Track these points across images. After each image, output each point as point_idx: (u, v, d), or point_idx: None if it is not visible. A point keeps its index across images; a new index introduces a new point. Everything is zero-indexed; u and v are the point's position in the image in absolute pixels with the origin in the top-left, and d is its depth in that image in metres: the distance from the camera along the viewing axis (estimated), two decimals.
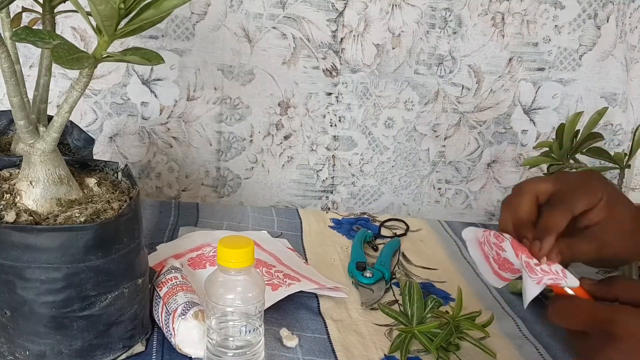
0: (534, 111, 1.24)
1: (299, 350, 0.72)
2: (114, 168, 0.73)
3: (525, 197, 0.65)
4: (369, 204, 1.27)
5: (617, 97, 1.24)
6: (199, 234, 0.93)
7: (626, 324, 0.53)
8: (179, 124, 1.17)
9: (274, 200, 1.24)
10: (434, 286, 0.90)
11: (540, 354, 0.76)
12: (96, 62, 0.56)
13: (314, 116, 1.20)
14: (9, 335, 0.62)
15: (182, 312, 0.67)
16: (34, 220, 0.61)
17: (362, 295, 0.85)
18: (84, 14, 0.58)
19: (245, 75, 1.16)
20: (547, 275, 0.59)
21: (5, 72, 0.58)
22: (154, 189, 1.21)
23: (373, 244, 1.00)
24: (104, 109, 1.15)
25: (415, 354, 0.73)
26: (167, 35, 1.12)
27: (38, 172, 0.63)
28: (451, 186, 1.27)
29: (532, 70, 1.21)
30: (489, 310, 0.82)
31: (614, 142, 1.26)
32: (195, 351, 0.68)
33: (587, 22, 1.19)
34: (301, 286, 0.80)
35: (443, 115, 1.22)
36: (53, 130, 0.61)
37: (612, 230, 0.64)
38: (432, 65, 1.19)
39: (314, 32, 1.15)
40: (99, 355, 0.65)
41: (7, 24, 0.74)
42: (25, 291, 0.60)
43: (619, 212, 0.64)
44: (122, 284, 0.64)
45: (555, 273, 0.60)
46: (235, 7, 1.12)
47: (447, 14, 1.16)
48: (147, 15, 0.55)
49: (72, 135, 0.87)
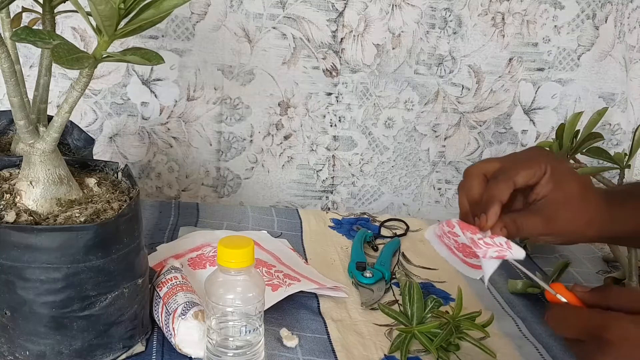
0: (534, 111, 1.24)
1: (299, 350, 0.72)
2: (114, 168, 0.73)
3: (474, 178, 0.66)
4: (369, 204, 1.27)
5: (615, 97, 1.24)
6: (199, 234, 0.93)
7: (620, 330, 0.53)
8: (179, 124, 1.17)
9: (274, 200, 1.24)
10: (434, 286, 0.90)
11: (540, 354, 0.76)
12: (96, 62, 0.56)
13: (314, 116, 1.20)
14: (9, 335, 0.62)
15: (182, 312, 0.67)
16: (34, 220, 0.61)
17: (362, 295, 0.85)
18: (84, 14, 0.58)
19: (245, 75, 1.16)
20: (491, 247, 0.59)
21: (5, 72, 0.58)
22: (154, 189, 1.21)
23: (373, 244, 1.00)
24: (104, 109, 1.15)
25: (415, 354, 0.73)
26: (167, 35, 1.12)
27: (38, 172, 0.63)
28: (451, 186, 1.27)
29: (532, 70, 1.21)
30: (489, 310, 0.82)
31: (613, 141, 1.26)
32: (195, 351, 0.68)
33: (586, 23, 1.19)
34: (301, 286, 0.80)
35: (443, 115, 1.22)
36: (53, 130, 0.61)
37: (558, 203, 0.64)
38: (432, 65, 1.19)
39: (314, 32, 1.15)
40: (99, 355, 0.65)
41: (7, 24, 0.74)
42: (25, 291, 0.60)
43: (566, 186, 0.65)
44: (122, 284, 0.64)
45: (499, 245, 0.60)
46: (235, 7, 1.12)
47: (447, 14, 1.16)
48: (147, 15, 0.55)
49: (72, 135, 0.87)
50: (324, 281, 0.84)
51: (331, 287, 0.83)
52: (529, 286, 0.88)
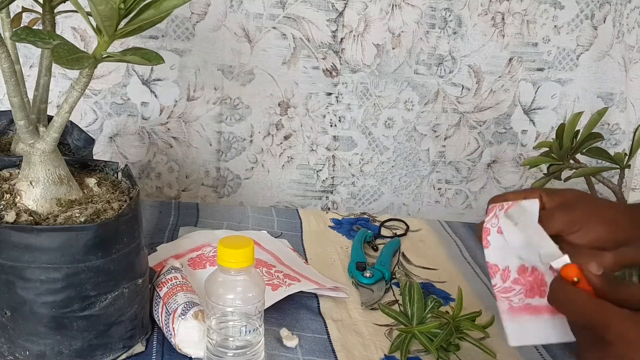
0: (534, 111, 1.24)
1: (299, 350, 0.72)
2: (114, 168, 0.73)
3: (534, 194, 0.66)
4: (369, 204, 1.27)
5: (614, 97, 1.24)
6: (199, 234, 0.93)
7: (620, 330, 0.53)
8: (179, 124, 1.17)
9: (274, 200, 1.24)
10: (434, 286, 0.90)
11: (540, 354, 0.76)
12: (96, 62, 0.56)
13: (314, 116, 1.20)
14: (9, 335, 0.62)
15: (182, 312, 0.67)
16: (34, 220, 0.61)
17: (362, 295, 0.85)
18: (84, 14, 0.58)
19: (245, 75, 1.16)
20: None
21: (5, 72, 0.58)
22: (154, 189, 1.21)
23: (373, 244, 1.00)
24: (104, 109, 1.15)
25: (415, 354, 0.73)
26: (167, 35, 1.12)
27: (38, 172, 0.63)
28: (451, 186, 1.27)
29: (532, 70, 1.21)
30: (489, 310, 0.82)
31: (611, 141, 1.26)
32: (195, 351, 0.68)
33: (585, 23, 1.19)
34: (301, 286, 0.80)
35: (443, 115, 1.22)
36: (53, 130, 0.61)
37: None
38: (432, 65, 1.19)
39: (314, 32, 1.15)
40: (99, 355, 0.65)
41: (7, 24, 0.74)
42: (25, 291, 0.60)
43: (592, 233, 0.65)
44: (122, 284, 0.64)
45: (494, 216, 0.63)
46: (235, 7, 1.12)
47: (447, 14, 1.16)
48: (147, 15, 0.55)
49: (72, 135, 0.87)
50: (324, 281, 0.84)
51: (331, 287, 0.83)
52: None
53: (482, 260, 0.99)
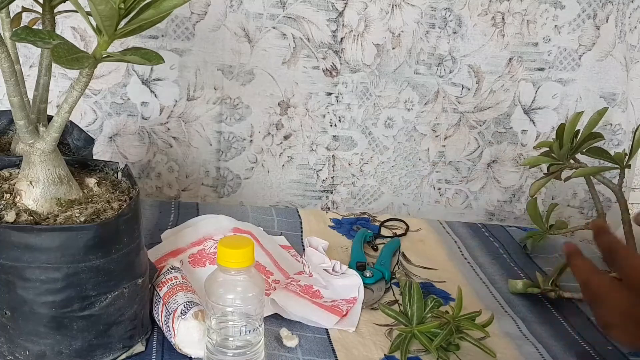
0: (534, 111, 1.24)
1: (299, 350, 0.72)
2: (114, 168, 0.73)
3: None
4: (369, 204, 1.27)
5: (616, 97, 1.24)
6: (203, 223, 0.92)
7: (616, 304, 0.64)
8: (179, 124, 1.17)
9: (274, 200, 1.24)
10: (434, 286, 0.90)
11: (540, 354, 0.76)
12: (96, 62, 0.56)
13: (314, 116, 1.20)
14: (9, 335, 0.62)
15: (182, 312, 0.67)
16: (34, 220, 0.61)
17: None
18: (84, 14, 0.58)
19: (245, 75, 1.16)
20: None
21: (5, 72, 0.58)
22: (154, 189, 1.21)
23: (373, 244, 1.00)
24: (104, 109, 1.15)
25: (415, 354, 0.73)
26: (167, 35, 1.12)
27: (38, 172, 0.63)
28: (451, 186, 1.27)
29: (532, 70, 1.21)
30: (489, 310, 0.82)
31: (613, 141, 1.26)
32: (195, 351, 0.68)
33: (587, 22, 1.19)
34: (300, 310, 0.77)
35: (443, 115, 1.22)
36: (53, 130, 0.61)
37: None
38: (432, 65, 1.19)
39: (314, 32, 1.15)
40: (99, 355, 0.65)
41: (7, 24, 0.74)
42: (25, 291, 0.60)
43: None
44: (122, 284, 0.64)
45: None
46: (235, 7, 1.12)
47: (447, 14, 1.16)
48: (147, 15, 0.55)
49: (72, 135, 0.87)
50: (323, 301, 0.81)
51: (329, 306, 0.80)
52: (529, 286, 0.88)
53: (482, 260, 1.00)
